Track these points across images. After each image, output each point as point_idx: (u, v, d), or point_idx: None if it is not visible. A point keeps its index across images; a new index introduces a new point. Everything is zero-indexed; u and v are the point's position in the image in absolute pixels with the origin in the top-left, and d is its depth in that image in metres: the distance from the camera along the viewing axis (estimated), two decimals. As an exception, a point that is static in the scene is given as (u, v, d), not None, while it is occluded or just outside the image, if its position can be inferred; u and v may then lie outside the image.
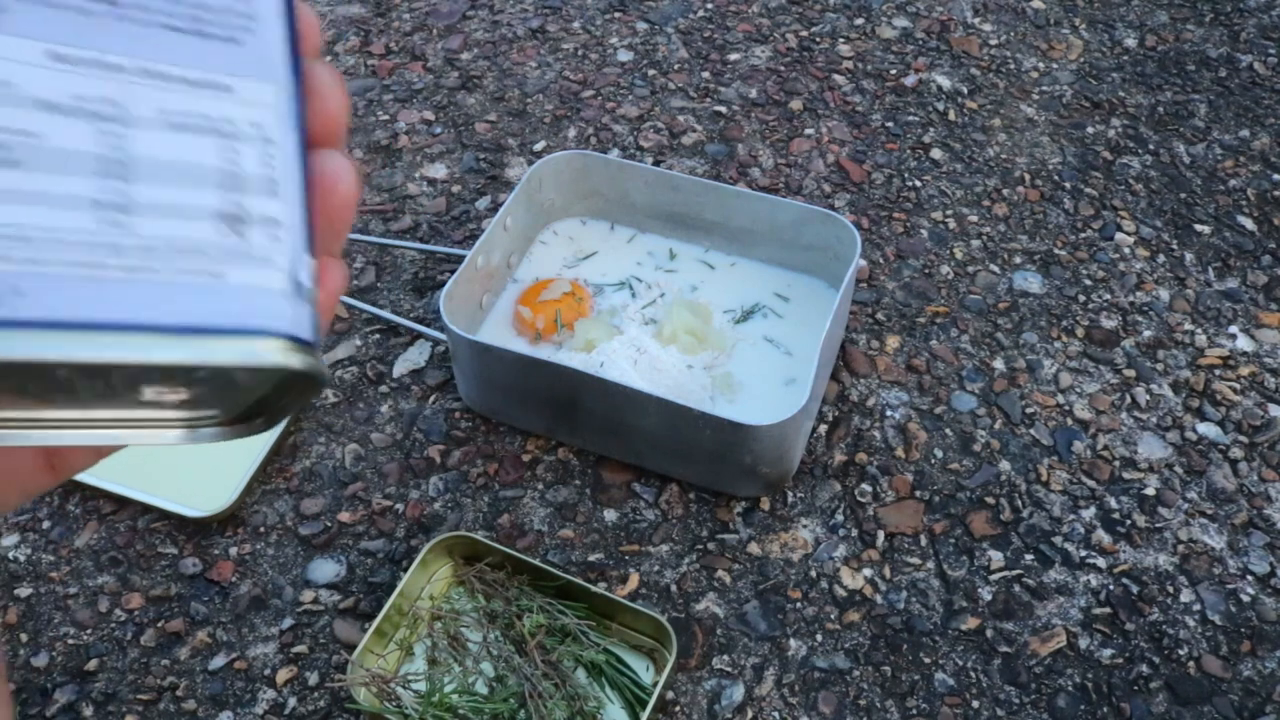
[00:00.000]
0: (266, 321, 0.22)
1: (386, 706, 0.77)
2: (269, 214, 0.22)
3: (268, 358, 0.22)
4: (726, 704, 0.80)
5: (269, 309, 0.22)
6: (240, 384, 0.23)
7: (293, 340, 0.22)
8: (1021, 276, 1.09)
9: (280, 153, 0.23)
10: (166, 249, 0.21)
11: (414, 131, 1.25)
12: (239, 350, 0.21)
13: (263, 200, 0.22)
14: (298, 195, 0.23)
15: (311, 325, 0.23)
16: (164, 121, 0.21)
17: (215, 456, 0.94)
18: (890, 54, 1.35)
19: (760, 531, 0.90)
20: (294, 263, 0.22)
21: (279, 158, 0.23)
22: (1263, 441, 0.96)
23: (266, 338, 0.22)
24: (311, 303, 0.23)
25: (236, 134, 0.22)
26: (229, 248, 0.22)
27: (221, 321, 0.21)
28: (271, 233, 0.22)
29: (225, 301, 0.21)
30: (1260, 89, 1.31)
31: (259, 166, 0.22)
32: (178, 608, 0.86)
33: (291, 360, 0.22)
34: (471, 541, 0.84)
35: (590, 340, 0.96)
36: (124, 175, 0.21)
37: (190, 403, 0.24)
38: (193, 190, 0.21)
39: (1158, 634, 0.84)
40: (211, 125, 0.22)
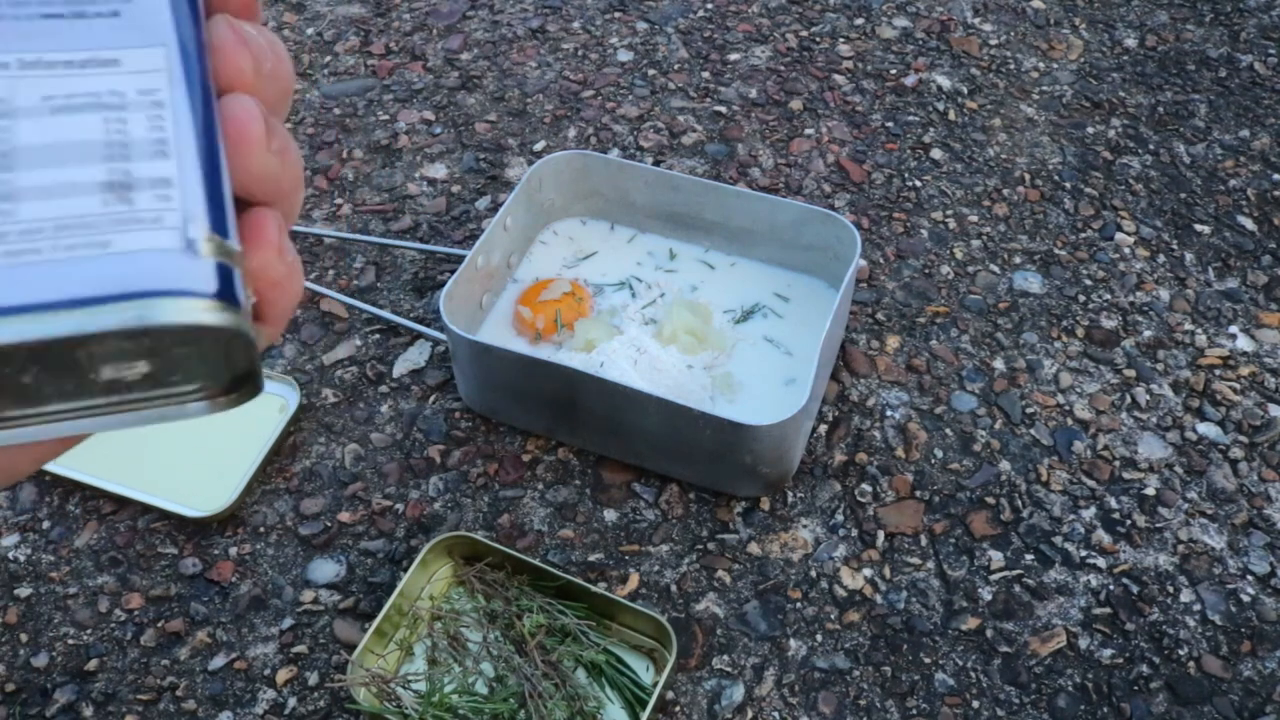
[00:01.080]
0: (154, 281, 0.22)
1: (386, 706, 0.77)
2: (158, 175, 0.22)
3: (157, 316, 0.21)
4: (726, 704, 0.80)
5: (156, 268, 0.22)
6: (176, 353, 0.23)
7: (187, 295, 0.22)
8: (1021, 276, 1.09)
9: (172, 113, 0.23)
10: (51, 229, 0.21)
11: (414, 131, 1.25)
12: (126, 313, 0.21)
13: (151, 163, 0.22)
14: (194, 150, 0.23)
15: (214, 279, 0.22)
16: (47, 107, 0.22)
17: (216, 457, 0.94)
18: (890, 54, 1.35)
19: (760, 531, 0.90)
20: (187, 218, 0.22)
21: (170, 117, 0.23)
22: (1263, 441, 0.96)
23: (155, 297, 0.22)
24: (219, 256, 0.23)
25: (124, 104, 0.22)
26: (115, 216, 0.22)
27: (106, 289, 0.21)
28: (161, 193, 0.22)
29: (111, 268, 0.21)
30: (1260, 89, 1.31)
31: (147, 131, 0.22)
32: (178, 608, 0.86)
33: (185, 315, 0.22)
34: (471, 541, 0.84)
35: (590, 340, 0.96)
36: (7, 166, 0.21)
37: (155, 381, 0.24)
38: (77, 167, 0.22)
39: (1158, 634, 0.84)
40: (97, 101, 0.22)
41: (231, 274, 0.23)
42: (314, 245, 1.12)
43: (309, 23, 1.41)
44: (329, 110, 1.28)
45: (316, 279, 1.09)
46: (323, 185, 1.19)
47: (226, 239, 0.23)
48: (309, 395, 0.99)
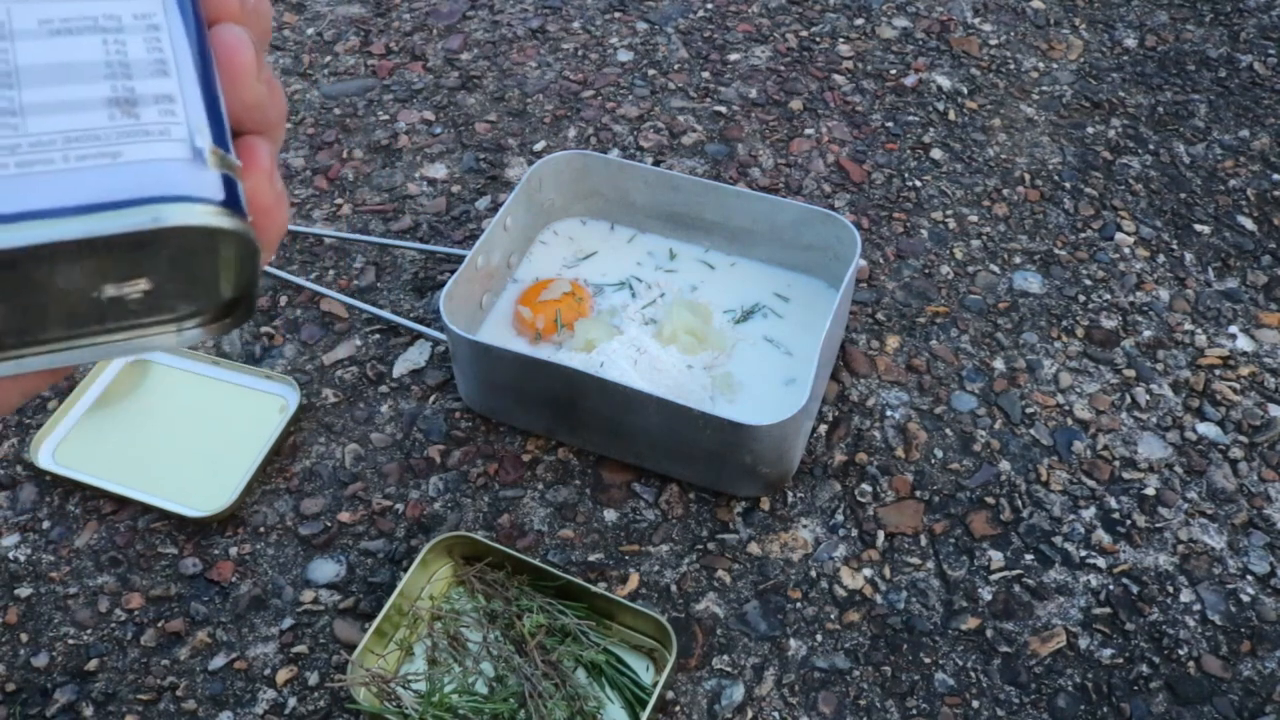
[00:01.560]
0: (166, 188, 0.22)
1: (386, 706, 0.77)
2: (161, 91, 0.23)
3: (171, 219, 0.22)
4: (726, 704, 0.80)
5: (167, 176, 0.22)
6: (178, 268, 0.24)
7: (198, 201, 0.23)
8: (1021, 276, 1.09)
9: (168, 35, 0.24)
10: (61, 141, 0.22)
11: (414, 131, 1.25)
12: (141, 216, 0.22)
13: (153, 80, 0.23)
14: (193, 71, 0.24)
15: (220, 187, 0.23)
16: (45, 30, 0.23)
17: (216, 457, 0.94)
18: (890, 54, 1.35)
19: (760, 531, 0.90)
20: (192, 131, 0.23)
21: (167, 40, 0.24)
22: (1263, 441, 0.96)
23: (168, 203, 0.22)
24: (223, 168, 0.23)
25: (121, 27, 0.23)
26: (123, 129, 0.22)
27: (120, 195, 0.22)
28: (165, 108, 0.23)
29: (123, 176, 0.22)
30: (1260, 89, 1.31)
31: (147, 52, 0.23)
32: (178, 608, 0.86)
33: (198, 218, 0.22)
34: (471, 541, 0.84)
35: (590, 340, 0.96)
36: (11, 84, 0.22)
37: (157, 302, 0.24)
38: (82, 85, 0.22)
39: (1158, 634, 0.84)
40: (95, 25, 0.23)
41: (236, 185, 0.24)
42: (314, 245, 1.12)
43: (309, 23, 1.41)
44: (329, 110, 1.28)
45: (317, 279, 1.09)
46: (323, 185, 1.19)
47: (229, 154, 0.24)
48: (309, 395, 0.99)
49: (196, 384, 1.00)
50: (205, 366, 1.01)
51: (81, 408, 0.97)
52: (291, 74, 1.33)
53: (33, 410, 0.99)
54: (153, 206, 0.22)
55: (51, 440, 0.95)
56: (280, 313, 1.06)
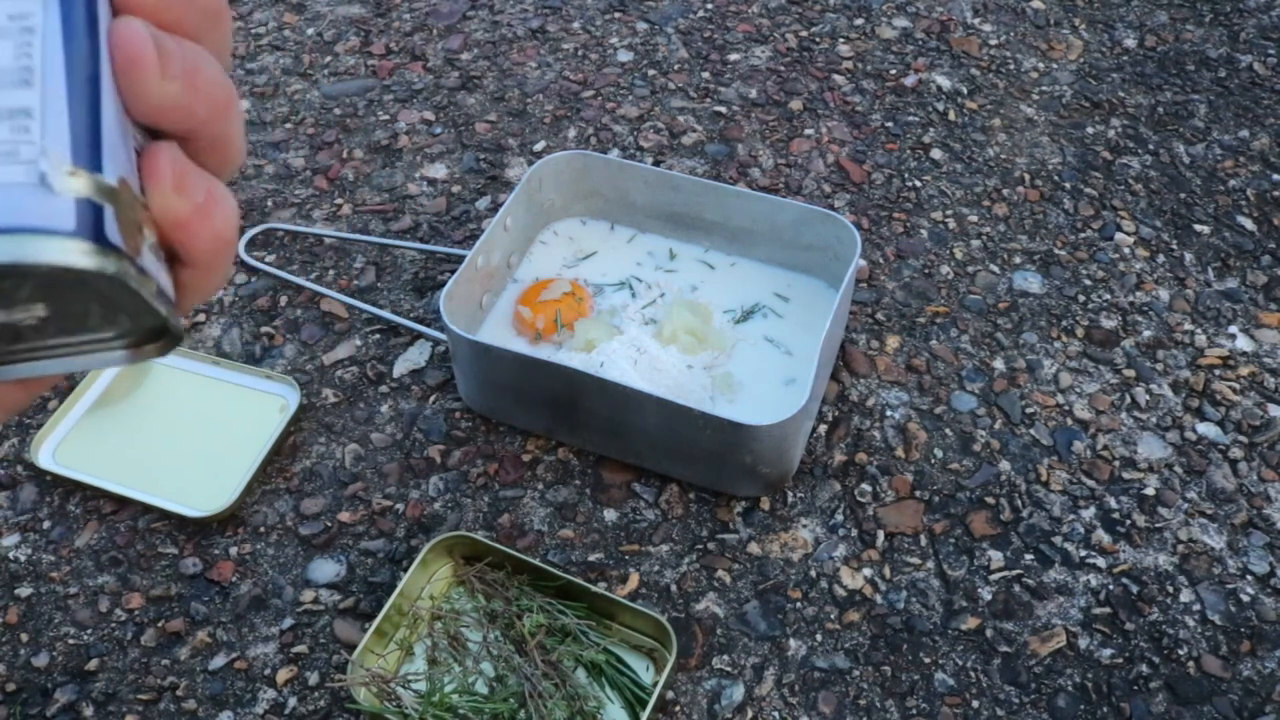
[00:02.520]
0: (7, 218, 0.20)
1: (386, 706, 0.77)
2: (18, 105, 0.21)
3: (10, 254, 0.20)
4: (726, 704, 0.80)
5: (11, 204, 0.20)
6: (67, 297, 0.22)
7: (38, 233, 0.20)
8: (1021, 276, 1.09)
9: (41, 39, 0.21)
10: None
11: (414, 131, 1.25)
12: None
13: (13, 92, 0.21)
14: (62, 79, 0.21)
15: (71, 216, 0.21)
16: None
17: (216, 457, 0.94)
18: (890, 54, 1.35)
19: (760, 531, 0.90)
20: (44, 150, 0.21)
21: (39, 45, 0.21)
22: (1262, 441, 0.96)
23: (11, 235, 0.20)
24: (84, 192, 0.21)
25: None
26: None
27: None
28: (19, 124, 0.21)
29: None
30: (1260, 89, 1.31)
31: (14, 59, 0.21)
32: (178, 608, 0.86)
33: (32, 253, 0.20)
34: (471, 541, 0.85)
35: (590, 340, 0.96)
36: None
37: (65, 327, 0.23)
38: None
39: (1158, 634, 0.84)
40: None
41: (100, 211, 0.21)
42: (314, 245, 1.13)
43: (309, 23, 1.41)
44: (329, 110, 1.28)
45: (317, 279, 1.09)
46: (323, 185, 1.19)
47: (98, 173, 0.21)
48: (309, 395, 0.99)
49: (196, 384, 1.00)
50: (205, 366, 1.01)
51: (81, 408, 0.97)
52: (291, 74, 1.33)
53: (33, 410, 0.99)
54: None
55: (51, 440, 0.95)
56: (280, 313, 1.07)
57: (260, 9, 1.44)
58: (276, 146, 1.24)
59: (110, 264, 0.21)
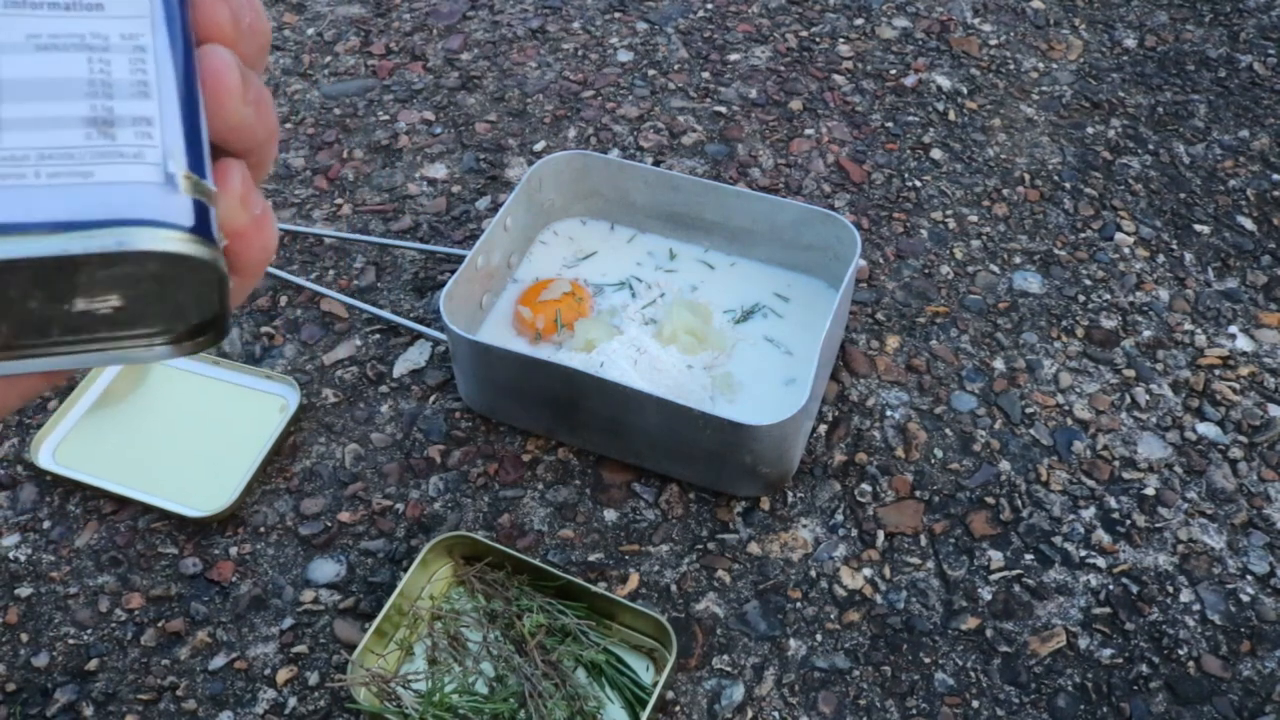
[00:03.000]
0: (134, 211, 0.22)
1: (386, 706, 0.77)
2: (140, 114, 0.23)
3: (136, 243, 0.22)
4: (726, 704, 0.80)
5: (137, 199, 0.23)
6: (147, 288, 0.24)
7: (165, 226, 0.23)
8: (1021, 276, 1.09)
9: (153, 57, 0.24)
10: (35, 157, 0.22)
11: (414, 131, 1.25)
12: (106, 239, 0.22)
13: (133, 102, 0.23)
14: (174, 94, 0.24)
15: (190, 213, 0.23)
16: (31, 44, 0.23)
17: (216, 457, 0.94)
18: (890, 54, 1.35)
19: (760, 531, 0.90)
20: (167, 155, 0.23)
21: (151, 62, 0.24)
22: (1262, 441, 0.96)
23: (135, 226, 0.22)
24: (196, 194, 0.24)
25: (107, 46, 0.23)
26: (98, 149, 0.23)
27: (89, 215, 0.22)
28: (142, 130, 0.23)
29: (93, 197, 0.22)
30: (1260, 89, 1.31)
31: (130, 73, 0.23)
32: (178, 608, 0.86)
33: (163, 244, 0.23)
34: (471, 541, 0.85)
35: (590, 340, 0.96)
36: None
37: (124, 318, 0.24)
38: (61, 102, 0.23)
39: (1157, 634, 0.84)
40: (82, 42, 0.23)
41: (208, 211, 0.24)
42: (314, 245, 1.13)
43: (309, 23, 1.41)
44: (329, 110, 1.28)
45: (317, 279, 1.09)
46: (323, 185, 1.19)
47: (204, 179, 0.24)
48: (309, 395, 0.99)
49: (196, 384, 1.00)
50: (205, 366, 1.01)
51: (81, 408, 0.97)
52: (291, 74, 1.33)
53: (33, 410, 0.99)
54: (119, 229, 0.22)
55: (52, 440, 0.95)
56: (280, 313, 1.07)
57: (260, 9, 1.43)
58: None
59: (218, 257, 0.24)
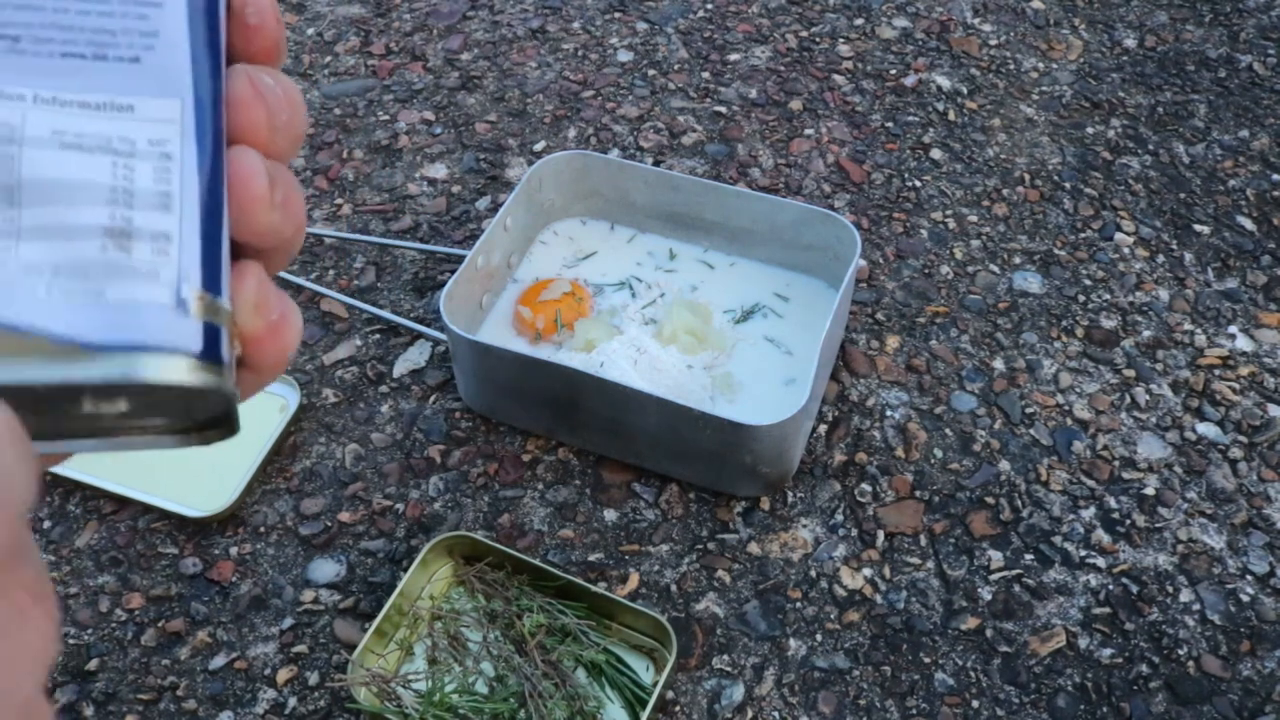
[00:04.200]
0: (143, 336, 0.22)
1: (386, 706, 0.77)
2: (159, 229, 0.23)
3: (141, 373, 0.22)
4: (726, 704, 0.80)
5: (147, 323, 0.22)
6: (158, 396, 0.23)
7: (173, 353, 0.22)
8: (1021, 276, 1.09)
9: (179, 167, 0.23)
10: (50, 270, 0.21)
11: (414, 131, 1.25)
12: (112, 368, 0.22)
13: (153, 215, 0.23)
14: (197, 207, 0.23)
15: (199, 338, 0.23)
16: (56, 142, 0.22)
17: (216, 457, 0.94)
18: (890, 54, 1.35)
19: (760, 531, 0.90)
20: (182, 275, 0.23)
21: (177, 172, 0.23)
22: (1262, 441, 0.96)
23: (142, 353, 0.22)
24: (208, 316, 0.23)
25: (133, 152, 0.23)
26: (112, 263, 0.22)
27: (98, 337, 0.22)
28: (159, 246, 0.22)
29: (103, 318, 0.22)
30: (1260, 89, 1.31)
31: (153, 183, 0.23)
32: (178, 608, 0.86)
33: (169, 374, 0.22)
34: (471, 541, 0.85)
35: (590, 340, 0.96)
36: (13, 201, 0.21)
37: (133, 416, 0.24)
38: (80, 209, 0.22)
39: (1157, 634, 0.84)
40: (107, 145, 0.22)
41: (218, 333, 0.23)
42: (314, 245, 1.13)
43: (309, 23, 1.41)
44: (329, 110, 1.28)
45: (317, 279, 1.09)
46: (323, 185, 1.19)
47: (218, 297, 0.23)
48: (309, 395, 0.99)
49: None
50: (205, 366, 1.01)
51: (82, 408, 0.97)
52: (291, 74, 1.33)
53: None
54: (126, 356, 0.22)
55: (52, 440, 0.95)
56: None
57: (260, 9, 1.43)
58: (276, 146, 1.24)
59: (224, 383, 0.24)
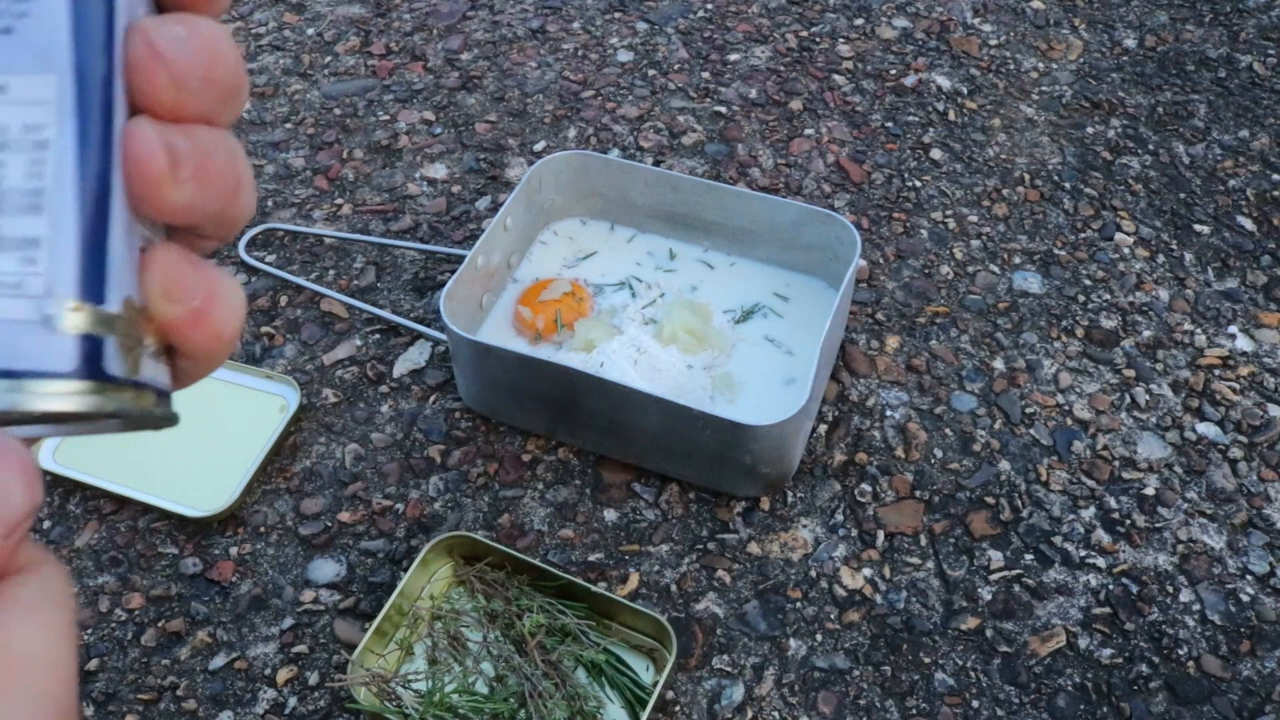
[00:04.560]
0: (13, 361, 0.20)
1: (386, 706, 0.77)
2: (27, 234, 0.20)
3: (23, 403, 0.20)
4: (726, 704, 0.80)
5: (15, 345, 0.20)
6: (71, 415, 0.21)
7: (46, 377, 0.20)
8: (1021, 276, 1.09)
9: (55, 156, 0.20)
10: None
11: (414, 131, 1.25)
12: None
13: (21, 219, 0.20)
14: (74, 204, 0.20)
15: (74, 355, 0.20)
16: None
17: (216, 457, 0.94)
18: (890, 54, 1.35)
19: (760, 531, 0.90)
20: (50, 286, 0.20)
21: (53, 163, 0.20)
22: (1262, 441, 0.96)
23: (17, 379, 0.20)
24: (87, 328, 0.20)
25: (5, 143, 0.20)
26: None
27: None
28: (27, 255, 0.20)
29: None
30: (1260, 89, 1.31)
31: (24, 179, 0.20)
32: (178, 608, 0.86)
33: (46, 402, 0.20)
34: (471, 541, 0.85)
35: (590, 340, 0.96)
36: None
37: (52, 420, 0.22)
38: None
39: (1157, 634, 0.84)
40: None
41: (100, 346, 0.21)
42: (314, 245, 1.13)
43: (309, 23, 1.41)
44: (329, 110, 1.28)
45: (317, 279, 1.09)
46: (323, 185, 1.19)
47: (101, 304, 0.21)
48: (309, 395, 0.99)
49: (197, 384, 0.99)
50: (205, 366, 1.01)
51: (82, 408, 0.97)
52: (291, 74, 1.33)
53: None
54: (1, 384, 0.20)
55: (52, 440, 0.95)
56: (280, 313, 1.07)
57: (260, 9, 1.43)
58: (276, 146, 1.24)
59: (108, 401, 0.21)
